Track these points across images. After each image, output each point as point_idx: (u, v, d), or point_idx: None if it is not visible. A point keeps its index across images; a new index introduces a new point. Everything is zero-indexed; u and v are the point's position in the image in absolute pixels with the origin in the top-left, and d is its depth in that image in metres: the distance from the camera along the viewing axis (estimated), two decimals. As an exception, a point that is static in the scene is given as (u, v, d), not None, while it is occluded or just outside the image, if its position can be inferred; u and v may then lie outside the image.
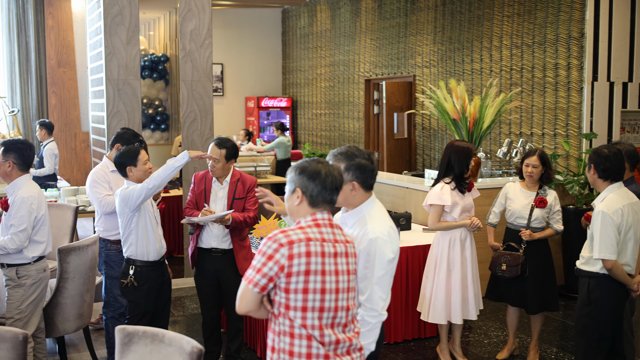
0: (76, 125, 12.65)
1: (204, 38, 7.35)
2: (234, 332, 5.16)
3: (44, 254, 4.58)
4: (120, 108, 7.08)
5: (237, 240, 4.99)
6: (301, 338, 2.70)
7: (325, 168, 2.79)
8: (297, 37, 14.24)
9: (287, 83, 14.70)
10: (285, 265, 2.65)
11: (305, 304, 2.68)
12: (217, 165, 4.91)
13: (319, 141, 13.49)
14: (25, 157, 4.48)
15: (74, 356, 5.62)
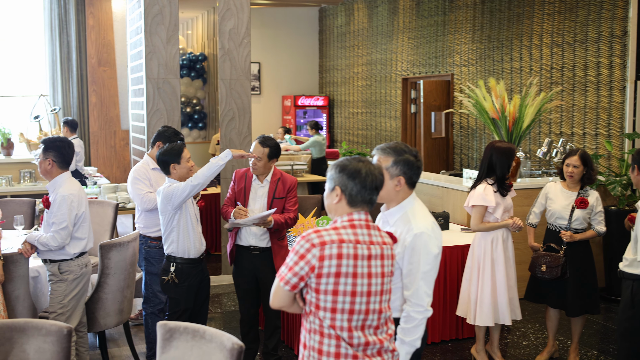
0: (115, 123, 12.82)
1: (242, 37, 7.39)
2: (272, 330, 5.18)
3: (85, 250, 4.65)
4: (160, 106, 7.15)
5: (275, 240, 5.00)
6: (330, 337, 2.70)
7: (366, 167, 2.75)
8: (334, 36, 14.24)
9: (324, 82, 14.71)
10: (315, 266, 2.65)
11: (334, 305, 2.68)
12: (259, 163, 4.92)
13: (356, 140, 13.47)
14: (64, 155, 4.55)
15: (114, 351, 5.70)
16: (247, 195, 5.00)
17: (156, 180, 5.25)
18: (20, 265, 4.58)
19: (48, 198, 4.54)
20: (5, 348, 3.19)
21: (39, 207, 7.16)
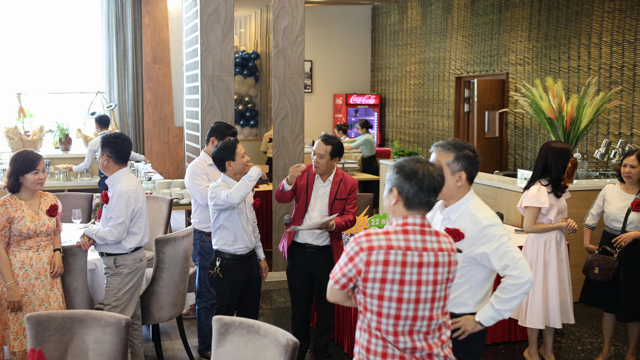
0: (169, 120, 13.00)
1: (296, 35, 7.41)
2: (323, 327, 5.18)
3: (140, 245, 4.72)
4: (214, 104, 7.23)
5: (334, 240, 5.01)
6: (377, 338, 2.71)
7: (424, 168, 2.70)
8: (386, 34, 14.17)
9: (376, 80, 14.65)
10: (362, 270, 2.65)
11: (380, 309, 2.67)
12: (321, 161, 4.92)
13: (407, 139, 13.39)
14: (118, 151, 4.62)
15: (167, 344, 5.78)
16: (309, 193, 4.99)
17: (213, 176, 5.31)
18: (79, 257, 4.68)
19: (107, 193, 4.63)
20: (66, 338, 3.26)
21: (96, 202, 7.31)
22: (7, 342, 4.33)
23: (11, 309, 4.26)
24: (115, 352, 3.20)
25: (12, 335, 4.29)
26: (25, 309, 4.30)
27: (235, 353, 3.09)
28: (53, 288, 4.42)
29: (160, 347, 5.26)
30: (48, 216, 4.41)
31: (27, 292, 4.31)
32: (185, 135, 8.89)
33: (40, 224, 4.34)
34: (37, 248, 4.37)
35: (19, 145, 9.65)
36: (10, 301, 4.24)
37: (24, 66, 12.47)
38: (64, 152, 10.33)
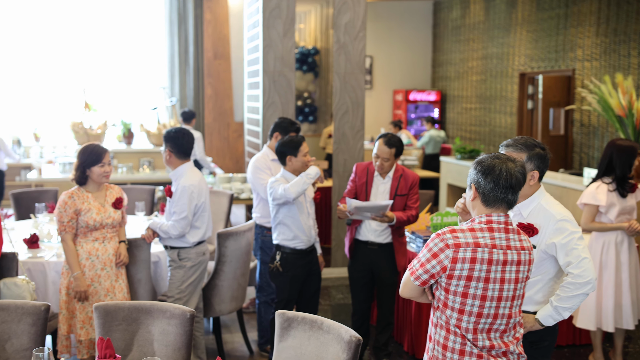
0: (229, 115, 13.12)
1: (358, 30, 7.37)
2: (384, 325, 5.14)
3: (203, 239, 4.77)
4: (275, 99, 7.24)
5: (396, 236, 4.96)
6: (456, 335, 2.70)
7: (503, 164, 2.67)
8: (448, 30, 13.98)
9: (437, 76, 14.47)
10: (447, 267, 2.63)
11: (463, 307, 2.66)
12: (386, 164, 4.86)
13: (468, 136, 13.19)
14: (179, 145, 4.66)
15: (227, 337, 5.83)
16: (369, 190, 4.96)
17: (275, 171, 5.32)
18: (143, 250, 4.75)
19: (170, 187, 4.68)
20: (132, 328, 3.31)
21: (158, 195, 7.42)
22: (74, 331, 4.43)
23: (78, 299, 4.35)
24: (180, 343, 3.23)
25: (78, 324, 4.39)
26: (92, 299, 4.39)
27: (298, 348, 3.07)
28: (118, 279, 4.50)
29: (220, 339, 5.30)
30: (113, 209, 4.49)
31: (93, 282, 4.40)
32: (246, 131, 8.94)
33: (106, 216, 4.42)
34: (103, 240, 4.45)
35: (84, 139, 9.88)
36: (77, 291, 4.33)
37: (90, 62, 12.77)
38: (127, 146, 10.51)
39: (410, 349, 5.45)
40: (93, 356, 4.42)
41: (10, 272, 4.45)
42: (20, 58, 12.62)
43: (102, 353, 2.83)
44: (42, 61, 12.69)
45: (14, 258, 4.45)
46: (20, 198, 6.75)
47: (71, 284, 4.36)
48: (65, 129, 11.23)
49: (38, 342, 3.33)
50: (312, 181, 4.64)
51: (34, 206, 6.35)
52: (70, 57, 12.75)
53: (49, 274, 4.78)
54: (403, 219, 4.84)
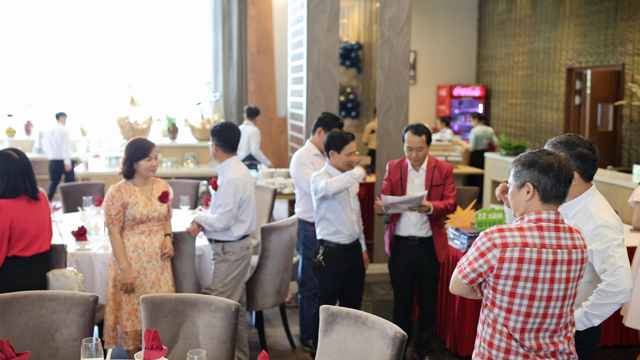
0: (272, 110, 13.17)
1: (402, 25, 7.32)
2: (426, 322, 5.11)
3: (247, 233, 4.79)
4: (319, 94, 7.24)
5: (435, 228, 4.92)
6: (502, 334, 2.69)
7: (557, 160, 2.67)
8: (493, 24, 13.80)
9: (481, 71, 14.30)
10: (495, 267, 2.63)
11: (510, 306, 2.65)
12: (420, 153, 4.85)
13: (513, 132, 13.00)
14: (225, 140, 4.69)
15: (269, 331, 5.86)
16: (405, 185, 4.94)
17: (318, 166, 5.32)
18: (188, 243, 4.79)
19: (216, 181, 4.72)
20: (178, 320, 3.34)
21: (202, 189, 7.49)
22: (120, 322, 4.50)
23: (124, 291, 4.42)
24: (225, 336, 3.25)
25: (124, 315, 4.45)
26: (137, 291, 4.45)
27: (342, 343, 3.07)
28: (164, 272, 4.55)
29: (263, 333, 5.33)
30: (160, 202, 4.54)
31: (139, 274, 4.46)
32: (289, 126, 8.96)
33: (153, 209, 4.48)
34: (149, 233, 4.50)
35: (129, 134, 10.03)
36: (123, 283, 4.40)
37: (135, 57, 12.94)
38: (171, 140, 10.64)
39: (453, 346, 5.40)
40: (138, 347, 4.48)
41: (59, 264, 4.54)
42: (68, 54, 12.86)
43: (149, 344, 2.87)
44: (89, 57, 12.91)
45: (63, 250, 4.54)
46: (68, 191, 6.88)
47: (118, 276, 4.43)
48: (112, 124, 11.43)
49: (86, 333, 3.39)
50: (354, 181, 4.65)
51: (81, 199, 6.48)
52: (117, 53, 12.95)
53: (96, 266, 4.86)
54: (440, 207, 4.82)
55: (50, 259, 4.50)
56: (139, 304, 4.44)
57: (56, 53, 12.84)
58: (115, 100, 12.58)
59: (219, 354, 3.25)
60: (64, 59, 12.87)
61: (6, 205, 4.10)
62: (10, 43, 12.72)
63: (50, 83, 12.95)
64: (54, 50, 12.83)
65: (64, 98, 12.86)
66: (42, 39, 12.76)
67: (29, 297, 3.43)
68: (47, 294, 3.45)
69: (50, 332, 3.40)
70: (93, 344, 2.76)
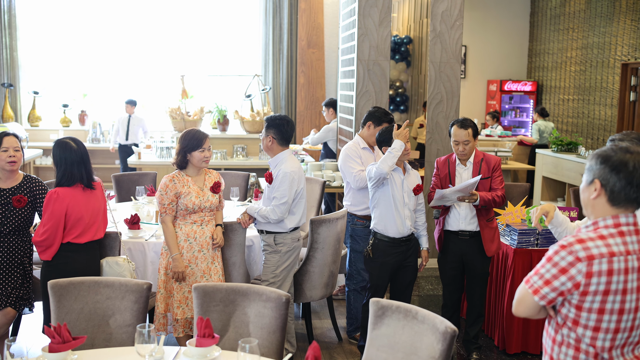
0: (321, 103, 13.19)
1: (454, 19, 7.25)
2: (475, 318, 5.08)
3: (298, 225, 4.83)
4: (369, 88, 7.23)
5: (484, 220, 4.89)
6: (587, 355, 2.44)
7: (635, 159, 2.37)
8: (546, 18, 13.55)
9: (533, 66, 14.07)
10: (581, 284, 2.35)
11: (599, 324, 2.40)
12: (467, 146, 4.84)
13: (565, 128, 12.77)
14: (283, 133, 4.73)
15: (316, 322, 5.89)
16: (453, 180, 4.93)
17: (366, 159, 5.33)
18: (238, 233, 4.85)
19: (271, 174, 4.76)
20: (229, 309, 3.39)
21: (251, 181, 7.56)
22: (171, 310, 4.58)
23: (176, 279, 4.50)
24: (275, 326, 3.29)
25: (175, 303, 4.53)
26: (188, 280, 4.53)
27: (392, 336, 3.08)
28: (214, 261, 4.62)
29: (310, 325, 5.36)
30: (212, 192, 4.60)
31: (190, 263, 4.53)
32: (339, 119, 8.96)
33: (205, 199, 4.54)
34: (200, 222, 4.57)
35: (181, 125, 10.16)
36: (175, 271, 4.47)
37: (187, 50, 13.12)
38: (221, 132, 10.75)
39: (501, 344, 5.35)
40: (188, 335, 4.56)
41: (113, 251, 4.64)
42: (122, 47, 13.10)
43: (201, 332, 2.92)
44: (142, 49, 13.14)
45: (117, 238, 4.64)
46: (120, 180, 7.03)
47: (170, 265, 4.51)
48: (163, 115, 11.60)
49: (140, 319, 3.46)
50: (398, 153, 4.61)
51: (134, 188, 6.61)
52: (170, 46, 13.14)
53: (148, 254, 4.96)
54: (488, 198, 4.79)
55: (104, 247, 4.61)
56: (189, 292, 4.52)
57: (111, 45, 13.09)
58: (167, 92, 12.77)
59: (269, 344, 3.29)
60: (118, 51, 13.12)
61: (62, 193, 4.22)
62: (66, 36, 13.02)
63: (105, 75, 13.21)
64: (109, 42, 13.08)
65: (118, 89, 13.11)
66: (97, 31, 13.03)
67: (85, 283, 3.52)
68: (103, 280, 3.54)
69: (104, 317, 3.49)
70: (147, 330, 2.81)
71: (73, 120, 12.92)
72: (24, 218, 4.55)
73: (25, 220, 4.56)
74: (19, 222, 4.52)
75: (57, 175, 4.30)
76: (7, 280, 4.53)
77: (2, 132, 4.58)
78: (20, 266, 4.58)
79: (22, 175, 4.64)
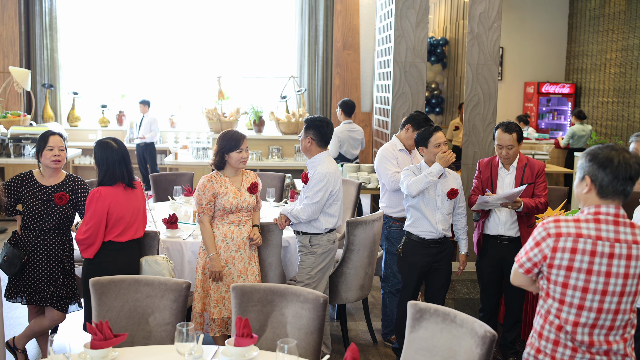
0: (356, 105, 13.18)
1: (492, 21, 7.20)
2: (512, 323, 5.03)
3: (334, 227, 4.83)
4: (406, 90, 7.21)
5: (524, 227, 4.84)
6: (551, 325, 2.70)
7: (619, 155, 2.61)
8: (585, 20, 13.37)
9: (571, 68, 13.88)
10: (547, 256, 2.65)
11: (563, 297, 2.65)
12: (511, 151, 4.79)
13: (604, 131, 12.58)
14: (322, 134, 4.75)
15: (351, 325, 5.89)
16: (495, 184, 4.89)
17: (403, 161, 5.31)
18: (275, 234, 4.87)
19: (307, 174, 4.78)
20: (266, 309, 3.41)
21: (286, 182, 7.59)
22: (208, 309, 4.62)
23: (213, 279, 4.53)
24: (312, 327, 3.29)
25: (212, 303, 4.57)
26: (225, 280, 4.56)
27: (429, 340, 3.06)
28: (251, 261, 4.65)
29: (345, 326, 5.36)
30: (249, 193, 4.63)
31: (227, 263, 4.56)
32: (374, 120, 8.96)
33: (242, 200, 4.57)
34: (238, 223, 4.60)
35: (217, 126, 10.25)
36: (212, 271, 4.51)
37: (223, 51, 13.22)
38: (257, 133, 10.81)
39: (539, 349, 5.29)
40: (224, 335, 4.59)
41: (152, 250, 4.70)
42: (159, 48, 13.25)
43: (240, 332, 2.94)
44: (179, 51, 13.27)
45: (156, 237, 4.70)
46: (158, 180, 7.11)
47: (207, 264, 4.55)
48: (200, 116, 11.71)
49: (178, 318, 3.50)
50: (434, 179, 4.60)
51: (171, 188, 6.68)
52: (206, 47, 13.25)
53: (186, 253, 5.01)
54: (531, 205, 4.74)
55: (144, 246, 4.66)
56: (226, 292, 4.55)
57: (148, 47, 13.26)
58: (204, 93, 12.88)
59: (306, 345, 3.30)
60: (155, 53, 13.28)
61: (104, 192, 4.28)
62: (105, 38, 13.22)
63: (143, 76, 13.38)
64: (147, 44, 13.25)
65: (155, 90, 13.26)
66: (135, 33, 13.20)
67: (125, 281, 3.57)
68: (143, 278, 3.58)
69: (144, 315, 3.53)
70: (187, 328, 2.84)
71: (111, 121, 13.11)
72: (64, 216, 4.62)
73: (65, 218, 4.64)
74: (59, 219, 4.60)
75: (99, 174, 4.37)
76: (47, 279, 4.61)
77: (48, 131, 4.67)
78: (60, 264, 4.65)
79: (65, 174, 4.73)
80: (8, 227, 9.37)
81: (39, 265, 4.58)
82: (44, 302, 4.60)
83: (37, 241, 4.57)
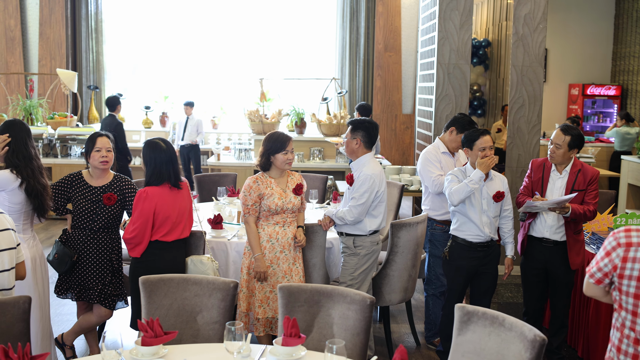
0: (397, 107, 13.15)
1: (538, 22, 7.12)
2: (557, 327, 4.97)
3: (378, 228, 4.83)
4: (449, 92, 7.18)
5: (571, 233, 4.77)
6: (629, 339, 2.63)
7: None
8: (632, 20, 13.12)
9: (617, 70, 13.64)
10: (618, 266, 2.62)
11: (635, 309, 2.60)
12: (557, 151, 4.73)
13: (651, 134, 12.33)
14: (370, 136, 4.76)
15: (394, 327, 5.88)
16: (545, 186, 4.83)
17: (446, 164, 5.29)
18: (319, 235, 4.89)
19: (352, 175, 4.79)
20: (313, 310, 3.43)
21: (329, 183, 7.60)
22: (252, 309, 4.66)
23: (257, 279, 4.57)
24: (359, 328, 3.30)
25: (257, 302, 4.60)
26: (270, 280, 4.59)
27: (477, 343, 3.05)
28: (295, 262, 4.67)
29: (389, 328, 5.35)
30: (294, 194, 4.66)
31: (272, 264, 4.60)
32: (417, 123, 8.93)
33: (287, 201, 4.60)
34: (283, 224, 4.63)
35: (259, 128, 10.31)
36: (257, 271, 4.54)
37: (266, 53, 13.31)
38: (298, 135, 10.85)
39: (586, 355, 5.21)
40: (269, 334, 4.62)
41: (198, 250, 4.76)
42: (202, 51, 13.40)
43: (288, 331, 2.96)
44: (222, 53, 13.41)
45: (202, 237, 4.75)
46: (202, 181, 7.20)
47: (252, 265, 4.58)
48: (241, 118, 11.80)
49: (226, 317, 3.54)
50: (475, 186, 4.58)
51: (215, 189, 6.75)
52: (248, 49, 13.36)
53: (231, 253, 5.05)
54: (579, 212, 4.66)
55: (189, 245, 4.73)
56: (271, 292, 4.59)
57: (190, 49, 13.42)
58: (246, 95, 12.99)
59: (352, 346, 3.31)
60: (197, 55, 13.43)
61: (151, 192, 4.35)
62: (149, 40, 13.42)
63: (186, 77, 13.54)
64: (190, 46, 13.41)
65: (197, 92, 13.41)
66: (179, 36, 13.37)
67: (174, 280, 3.63)
68: (191, 277, 3.63)
69: (192, 314, 3.58)
70: (235, 327, 2.87)
71: (154, 122, 13.29)
72: (113, 216, 4.71)
73: (114, 217, 4.72)
74: (108, 219, 4.68)
75: (146, 174, 4.44)
76: (96, 276, 4.70)
77: (96, 133, 4.76)
78: (109, 263, 4.74)
79: (113, 174, 4.81)
80: (56, 225, 9.57)
81: (88, 263, 4.67)
82: (93, 299, 4.70)
83: (86, 240, 4.67)
